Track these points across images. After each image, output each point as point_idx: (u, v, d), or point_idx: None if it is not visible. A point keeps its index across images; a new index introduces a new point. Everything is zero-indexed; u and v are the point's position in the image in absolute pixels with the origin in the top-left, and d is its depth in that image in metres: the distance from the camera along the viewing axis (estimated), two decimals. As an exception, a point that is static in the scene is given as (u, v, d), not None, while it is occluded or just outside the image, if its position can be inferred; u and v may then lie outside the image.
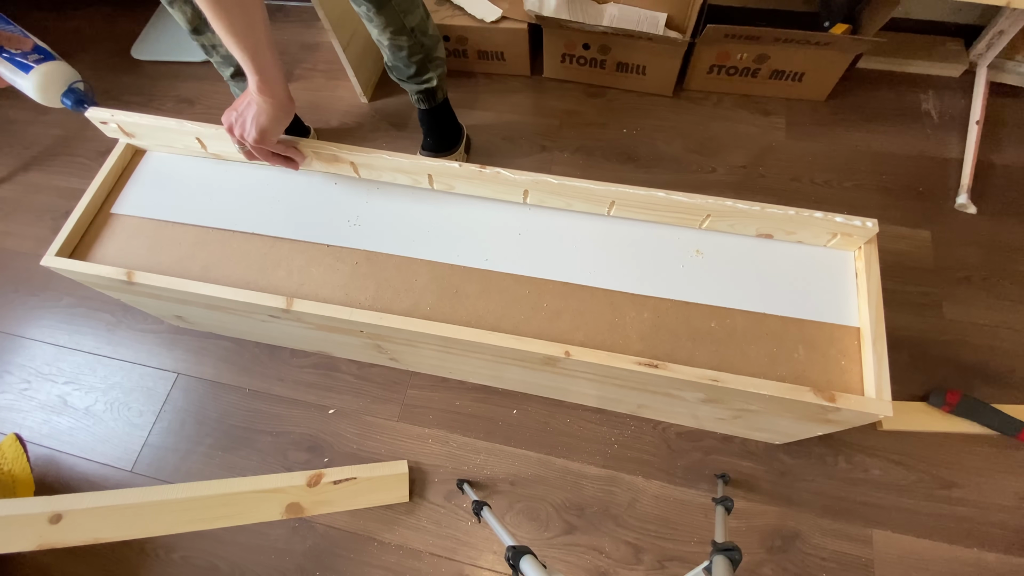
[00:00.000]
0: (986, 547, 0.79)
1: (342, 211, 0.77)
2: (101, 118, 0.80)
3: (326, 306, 0.68)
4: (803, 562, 0.80)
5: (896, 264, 0.99)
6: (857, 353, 0.61)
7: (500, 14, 1.19)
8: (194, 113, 1.37)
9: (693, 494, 0.85)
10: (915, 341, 0.91)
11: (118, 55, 1.50)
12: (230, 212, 0.79)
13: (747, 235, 0.69)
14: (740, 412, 0.71)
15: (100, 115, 0.80)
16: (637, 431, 0.90)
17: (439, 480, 0.90)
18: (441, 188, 0.75)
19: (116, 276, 0.73)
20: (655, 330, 0.65)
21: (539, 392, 0.92)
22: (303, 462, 0.93)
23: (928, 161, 1.10)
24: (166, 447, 0.97)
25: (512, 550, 0.53)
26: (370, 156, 0.72)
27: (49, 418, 1.02)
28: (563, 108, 1.25)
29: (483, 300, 0.68)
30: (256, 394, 1.00)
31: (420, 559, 0.84)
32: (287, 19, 1.52)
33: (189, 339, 1.06)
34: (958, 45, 1.18)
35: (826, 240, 0.67)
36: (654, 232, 0.71)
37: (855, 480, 0.84)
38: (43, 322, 1.12)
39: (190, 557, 0.88)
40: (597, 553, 0.83)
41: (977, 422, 0.83)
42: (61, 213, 1.24)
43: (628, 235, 0.71)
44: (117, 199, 0.82)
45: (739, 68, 1.16)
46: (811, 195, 1.08)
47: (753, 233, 0.69)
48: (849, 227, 0.63)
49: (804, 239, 0.68)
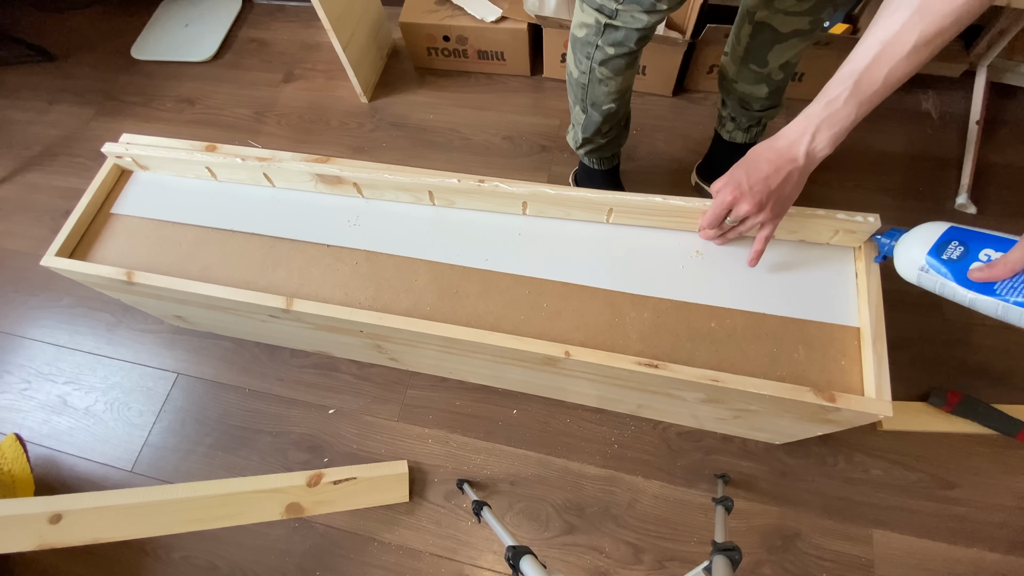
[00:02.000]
0: (986, 547, 0.79)
1: (342, 211, 0.76)
2: (116, 152, 0.80)
3: (326, 306, 0.68)
4: (803, 562, 0.80)
5: (896, 264, 0.99)
6: (857, 353, 0.61)
7: (500, 14, 1.19)
8: (194, 113, 1.38)
9: (693, 494, 0.85)
10: (915, 341, 0.91)
11: (118, 55, 1.50)
12: (230, 212, 0.78)
13: (748, 236, 0.69)
14: (740, 412, 0.71)
15: (115, 149, 0.80)
16: (637, 431, 0.90)
17: (439, 480, 0.90)
18: (442, 204, 0.75)
19: (116, 276, 0.73)
20: (655, 330, 0.65)
21: (539, 392, 0.92)
22: (303, 462, 0.93)
23: (928, 161, 1.10)
24: (166, 447, 0.97)
25: (512, 550, 0.53)
26: (371, 175, 0.72)
27: (49, 418, 1.02)
28: (563, 108, 1.25)
29: (483, 300, 0.68)
30: (256, 394, 1.00)
31: (420, 559, 0.84)
32: (287, 19, 1.52)
33: (189, 339, 1.06)
34: (958, 45, 1.18)
35: (828, 237, 0.67)
36: (654, 235, 0.71)
37: (855, 480, 0.84)
38: (43, 322, 1.12)
39: (190, 557, 0.88)
40: (597, 553, 0.83)
41: (977, 422, 0.83)
42: (61, 213, 1.24)
43: (628, 237, 0.71)
44: (117, 199, 0.82)
45: (739, 68, 1.16)
46: (811, 195, 1.07)
47: (754, 234, 0.69)
48: (851, 223, 0.63)
49: (806, 237, 0.68)
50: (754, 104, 0.87)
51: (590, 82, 0.78)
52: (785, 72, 0.81)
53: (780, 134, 0.54)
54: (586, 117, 0.86)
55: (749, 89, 0.84)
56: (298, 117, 1.33)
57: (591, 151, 0.96)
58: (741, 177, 0.55)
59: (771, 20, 0.73)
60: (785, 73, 0.81)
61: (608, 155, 0.98)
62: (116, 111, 1.41)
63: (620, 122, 0.89)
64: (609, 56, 0.72)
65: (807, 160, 0.52)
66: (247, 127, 1.33)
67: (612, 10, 0.67)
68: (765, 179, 0.54)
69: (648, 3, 0.64)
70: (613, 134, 0.91)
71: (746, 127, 0.93)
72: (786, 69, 0.80)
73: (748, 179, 0.55)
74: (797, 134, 0.52)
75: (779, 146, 0.54)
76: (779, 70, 0.80)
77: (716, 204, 0.59)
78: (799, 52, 0.77)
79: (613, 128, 0.89)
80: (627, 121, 0.92)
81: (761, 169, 0.54)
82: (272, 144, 1.29)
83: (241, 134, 1.32)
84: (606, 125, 0.86)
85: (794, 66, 0.80)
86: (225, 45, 1.49)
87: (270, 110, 1.35)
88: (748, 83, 0.84)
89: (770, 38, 0.75)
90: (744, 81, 0.84)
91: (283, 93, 1.38)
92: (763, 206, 0.55)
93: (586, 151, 0.96)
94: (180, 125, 1.36)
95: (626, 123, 0.92)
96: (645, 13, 0.65)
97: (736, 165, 0.58)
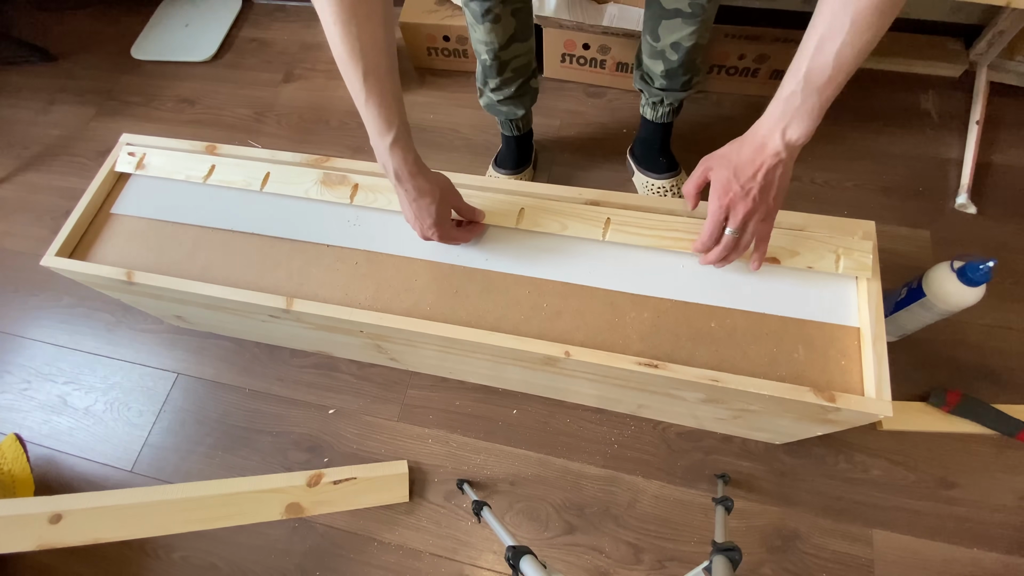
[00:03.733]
0: (986, 547, 0.79)
1: (342, 211, 0.76)
2: (129, 149, 0.82)
3: (326, 306, 0.68)
4: (803, 562, 0.80)
5: (896, 264, 0.98)
6: (857, 353, 0.61)
7: (500, 14, 1.18)
8: (194, 113, 1.38)
9: (693, 494, 0.85)
10: (915, 341, 0.91)
11: (118, 55, 1.50)
12: (230, 212, 0.78)
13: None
14: (740, 412, 0.71)
15: (126, 162, 0.81)
16: (637, 431, 0.90)
17: (439, 480, 0.90)
18: None
19: (116, 276, 0.73)
20: (655, 330, 0.65)
21: (539, 392, 0.92)
22: (303, 462, 0.93)
23: (928, 161, 1.10)
24: (166, 447, 0.97)
25: (512, 550, 0.53)
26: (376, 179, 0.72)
27: (49, 418, 1.02)
28: (563, 108, 1.25)
29: (483, 300, 0.68)
30: (256, 394, 1.00)
31: (420, 559, 0.84)
32: (287, 19, 1.52)
33: (189, 339, 1.06)
34: (958, 45, 1.18)
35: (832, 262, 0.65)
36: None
37: (855, 480, 0.84)
38: (43, 322, 1.12)
39: (190, 557, 0.88)
40: (597, 553, 0.83)
41: (977, 422, 0.83)
42: (61, 213, 1.24)
43: (627, 247, 0.71)
44: (117, 199, 0.82)
45: (739, 68, 1.16)
46: (811, 195, 1.08)
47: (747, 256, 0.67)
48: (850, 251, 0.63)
49: (813, 265, 0.66)
50: (654, 81, 0.90)
51: (469, 27, 0.84)
52: (679, 54, 0.82)
53: (752, 133, 0.55)
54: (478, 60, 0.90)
55: (648, 63, 0.88)
56: (298, 117, 1.33)
57: (488, 104, 0.99)
58: (730, 180, 0.55)
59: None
60: (679, 55, 0.82)
61: (507, 117, 1.01)
62: (116, 111, 1.41)
63: (507, 95, 0.94)
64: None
65: (788, 151, 0.53)
66: (247, 127, 1.33)
67: None
68: (754, 176, 0.54)
69: None
70: (498, 98, 0.95)
71: (652, 104, 0.97)
72: (678, 51, 0.81)
73: (738, 180, 0.54)
74: (768, 130, 0.53)
75: (757, 143, 0.54)
76: (671, 50, 0.82)
77: (713, 212, 0.57)
78: (690, 37, 0.78)
79: (500, 96, 0.94)
80: (522, 88, 0.95)
81: (746, 169, 0.54)
82: (272, 144, 1.29)
83: (241, 134, 1.32)
84: (492, 84, 0.91)
85: (688, 51, 0.81)
86: (225, 45, 1.49)
87: (270, 110, 1.35)
88: (647, 56, 0.87)
89: (657, 12, 0.78)
90: (645, 54, 0.88)
91: (283, 93, 1.38)
92: (759, 202, 0.55)
93: (485, 102, 0.99)
94: (180, 125, 1.36)
95: (520, 90, 0.95)
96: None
97: (716, 171, 0.56)
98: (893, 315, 0.84)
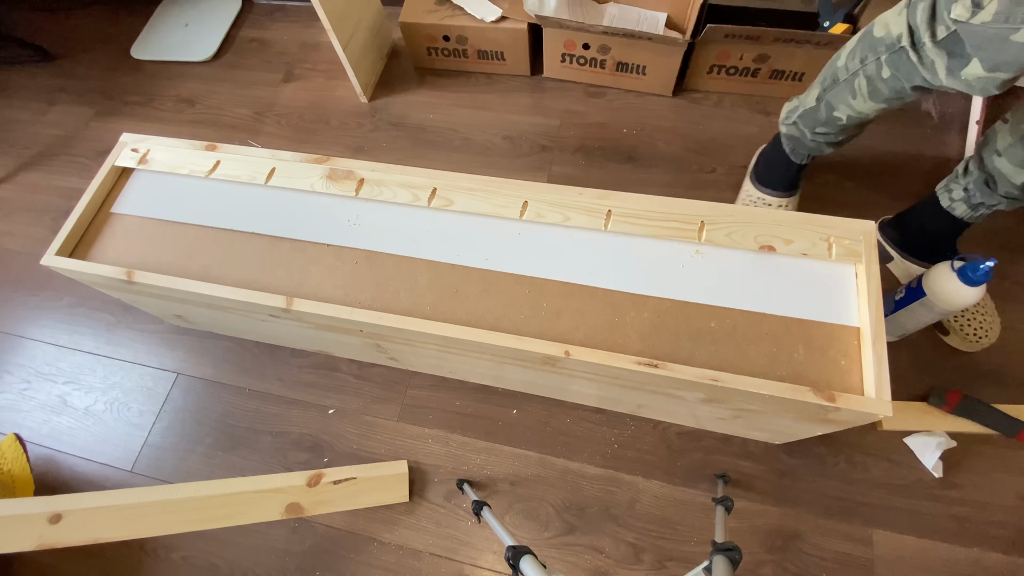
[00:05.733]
0: (986, 547, 0.79)
1: (342, 211, 0.76)
2: (132, 146, 0.82)
3: (326, 306, 0.68)
4: (803, 562, 0.80)
5: (896, 264, 0.99)
6: (857, 353, 0.61)
7: (500, 14, 1.19)
8: (194, 113, 1.38)
9: (693, 494, 0.85)
10: (915, 341, 0.91)
11: (118, 55, 1.50)
12: (230, 211, 0.78)
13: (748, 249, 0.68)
14: (740, 412, 0.71)
15: (129, 157, 0.81)
16: (637, 431, 0.90)
17: (439, 480, 0.90)
18: (442, 204, 0.75)
19: (116, 276, 0.73)
20: (655, 330, 0.65)
21: (539, 392, 0.92)
22: (303, 462, 0.93)
23: (928, 161, 1.10)
24: (166, 447, 0.97)
25: (512, 550, 0.53)
26: (379, 175, 0.72)
27: (49, 418, 1.02)
28: (563, 108, 1.25)
29: (483, 300, 0.68)
30: (256, 394, 1.00)
31: (420, 559, 0.84)
32: (287, 19, 1.52)
33: (189, 339, 1.06)
34: (958, 45, 1.18)
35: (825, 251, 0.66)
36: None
37: (855, 480, 0.84)
38: (43, 322, 1.12)
39: (190, 557, 0.88)
40: (597, 553, 0.83)
41: (977, 422, 0.83)
42: (61, 213, 1.24)
43: (628, 237, 0.71)
44: (117, 199, 0.82)
45: (739, 68, 1.15)
46: (811, 195, 1.08)
47: (755, 247, 0.68)
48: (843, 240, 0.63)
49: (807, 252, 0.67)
50: (1000, 186, 0.75)
51: (844, 82, 0.71)
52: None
53: None
54: (815, 107, 0.80)
55: (1009, 169, 0.72)
56: (298, 117, 1.33)
57: (797, 134, 0.88)
58: None
59: None
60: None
61: (803, 151, 0.91)
62: (116, 111, 1.41)
63: (834, 140, 0.83)
64: (882, 77, 0.66)
65: None
66: (247, 127, 1.33)
67: (922, 43, 0.58)
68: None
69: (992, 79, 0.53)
70: (820, 140, 0.84)
71: (974, 204, 0.80)
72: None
73: None
74: None
75: None
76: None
77: None
78: None
79: (825, 140, 0.84)
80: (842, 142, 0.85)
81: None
82: (272, 144, 1.29)
83: (241, 134, 1.32)
84: (822, 129, 0.81)
85: None
86: (225, 45, 1.49)
87: (270, 110, 1.35)
88: (1012, 162, 0.71)
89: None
90: (1009, 159, 0.71)
91: (283, 93, 1.38)
92: None
93: (787, 130, 0.90)
94: (180, 125, 1.36)
95: (839, 143, 0.85)
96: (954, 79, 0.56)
97: None
98: (893, 315, 0.84)
